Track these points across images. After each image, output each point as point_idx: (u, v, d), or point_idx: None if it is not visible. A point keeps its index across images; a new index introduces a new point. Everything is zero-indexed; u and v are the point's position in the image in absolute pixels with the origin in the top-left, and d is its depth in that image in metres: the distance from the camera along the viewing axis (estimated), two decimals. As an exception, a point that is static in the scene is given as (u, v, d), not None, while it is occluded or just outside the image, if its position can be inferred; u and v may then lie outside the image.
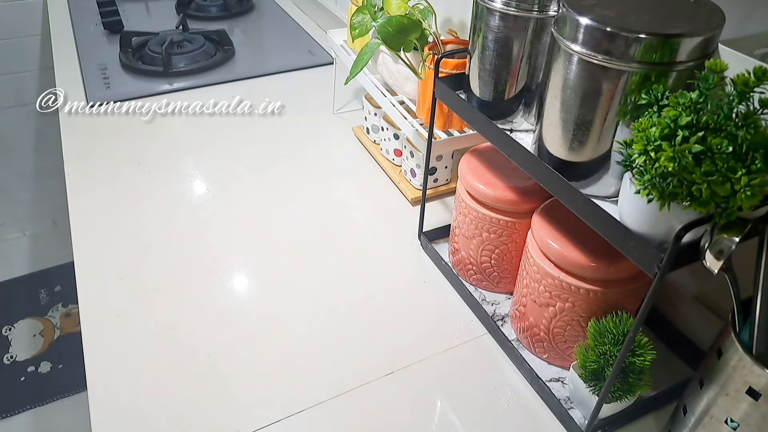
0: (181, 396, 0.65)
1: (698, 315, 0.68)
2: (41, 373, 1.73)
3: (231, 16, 1.63)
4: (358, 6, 0.91)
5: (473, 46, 0.66)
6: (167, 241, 0.85)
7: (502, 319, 0.74)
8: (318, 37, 1.48)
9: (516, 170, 0.69)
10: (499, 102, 0.67)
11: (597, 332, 0.58)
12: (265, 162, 1.03)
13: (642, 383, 0.57)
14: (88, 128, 1.10)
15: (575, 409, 0.64)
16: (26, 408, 1.64)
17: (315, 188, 0.97)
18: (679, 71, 0.48)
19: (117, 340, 0.71)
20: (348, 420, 0.63)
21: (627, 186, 0.48)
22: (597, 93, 0.50)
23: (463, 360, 0.70)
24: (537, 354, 0.69)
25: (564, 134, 0.55)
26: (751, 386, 0.47)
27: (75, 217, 0.89)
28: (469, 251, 0.76)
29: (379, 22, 0.82)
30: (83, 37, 1.46)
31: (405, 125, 0.87)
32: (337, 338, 0.72)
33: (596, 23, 0.48)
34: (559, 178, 0.54)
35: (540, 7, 0.60)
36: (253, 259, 0.83)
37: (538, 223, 0.64)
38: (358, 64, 0.86)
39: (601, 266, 0.58)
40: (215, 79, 1.28)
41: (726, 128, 0.42)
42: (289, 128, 1.13)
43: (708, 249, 0.44)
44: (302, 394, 0.65)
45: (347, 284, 0.79)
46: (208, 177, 1.00)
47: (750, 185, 0.40)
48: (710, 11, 0.49)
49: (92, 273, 0.79)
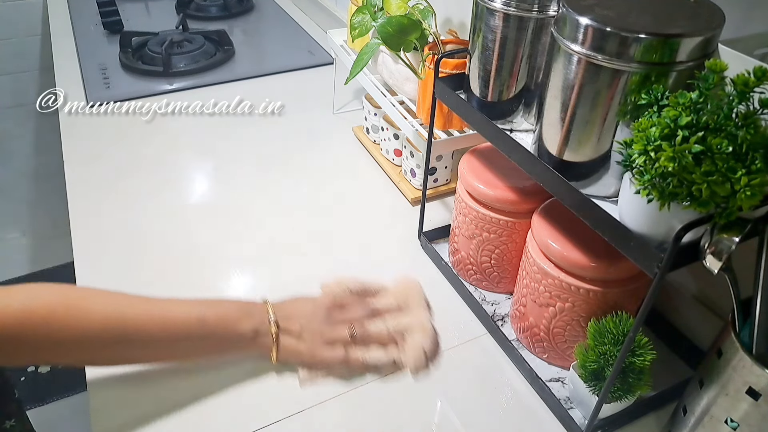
0: (182, 396, 0.65)
1: (698, 315, 0.68)
2: (41, 373, 1.73)
3: (231, 16, 1.63)
4: (358, 6, 0.91)
5: (473, 46, 0.66)
6: (167, 241, 0.85)
7: (502, 319, 0.74)
8: (318, 37, 1.48)
9: (516, 170, 0.69)
10: (498, 102, 0.67)
11: (597, 332, 0.58)
12: (265, 162, 1.03)
13: (642, 383, 0.57)
14: (88, 128, 1.10)
15: (575, 409, 0.64)
16: (26, 408, 1.64)
17: (315, 188, 0.97)
18: (679, 71, 0.48)
19: (117, 340, 0.70)
20: (348, 420, 0.63)
21: (627, 186, 0.48)
22: (597, 93, 0.50)
23: (463, 360, 0.70)
24: (537, 354, 0.69)
25: (564, 134, 0.55)
26: (751, 386, 0.47)
27: (75, 217, 0.89)
28: (469, 251, 0.76)
29: (379, 22, 0.82)
30: (83, 37, 1.46)
31: (405, 125, 0.87)
32: (337, 338, 0.72)
33: (596, 23, 0.48)
34: (559, 178, 0.54)
35: (540, 7, 0.60)
36: (252, 259, 0.83)
37: (538, 223, 0.64)
38: (358, 64, 0.86)
39: (601, 266, 0.58)
40: (215, 79, 1.28)
41: (726, 128, 0.42)
42: (289, 128, 1.13)
43: (708, 249, 0.44)
44: (302, 394, 0.65)
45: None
46: (208, 177, 1.00)
47: (750, 185, 0.40)
48: (710, 11, 0.49)
49: (92, 273, 0.79)
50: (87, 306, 0.55)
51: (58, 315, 0.53)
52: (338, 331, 0.65)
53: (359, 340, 0.65)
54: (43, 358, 0.57)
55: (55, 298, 0.54)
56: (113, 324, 0.56)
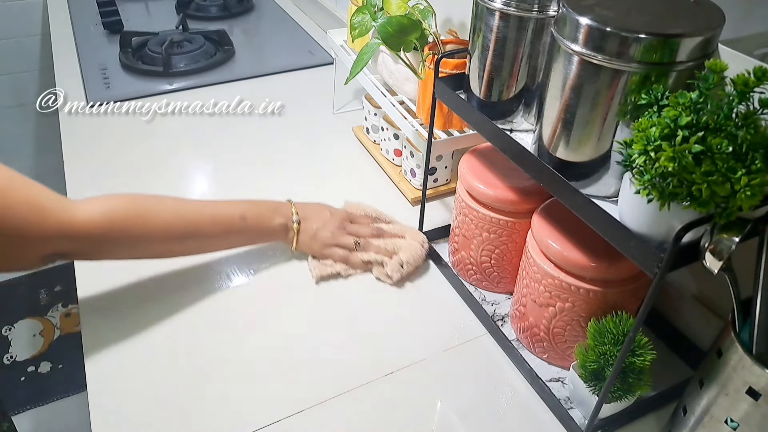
0: (181, 396, 0.65)
1: (698, 315, 0.68)
2: (41, 373, 1.73)
3: (231, 16, 1.63)
4: (358, 6, 0.91)
5: (473, 46, 0.66)
6: (167, 241, 0.85)
7: (502, 319, 0.74)
8: (318, 37, 1.48)
9: (516, 170, 0.69)
10: (499, 102, 0.67)
11: (597, 332, 0.58)
12: (264, 162, 1.03)
13: (642, 383, 0.57)
14: (88, 128, 1.10)
15: (575, 409, 0.64)
16: (26, 408, 1.64)
17: (315, 188, 0.97)
18: (679, 71, 0.48)
19: (117, 340, 0.71)
20: (348, 420, 0.63)
21: (627, 186, 0.48)
22: (597, 93, 0.50)
23: (462, 360, 0.70)
24: (537, 354, 0.69)
25: (564, 134, 0.55)
26: (751, 386, 0.47)
27: (75, 217, 0.88)
28: (469, 251, 0.76)
29: (379, 22, 0.82)
30: (83, 37, 1.46)
31: (405, 125, 0.87)
32: (337, 338, 0.72)
33: (596, 23, 0.48)
34: (559, 178, 0.54)
35: (540, 7, 0.60)
36: (252, 259, 0.83)
37: (538, 223, 0.64)
38: (358, 64, 0.86)
39: (601, 266, 0.58)
40: (215, 79, 1.28)
41: (726, 128, 0.42)
42: (289, 128, 1.13)
43: (708, 249, 0.44)
44: (302, 394, 0.65)
45: (347, 284, 0.79)
46: (207, 177, 1.00)
47: (750, 185, 0.40)
48: (710, 11, 0.49)
49: (92, 273, 0.79)
50: (155, 213, 0.69)
51: (133, 222, 0.67)
52: (346, 239, 0.80)
53: (361, 249, 0.80)
54: (123, 254, 0.71)
55: (131, 211, 0.67)
56: (176, 225, 0.70)
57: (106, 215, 0.65)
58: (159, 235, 0.70)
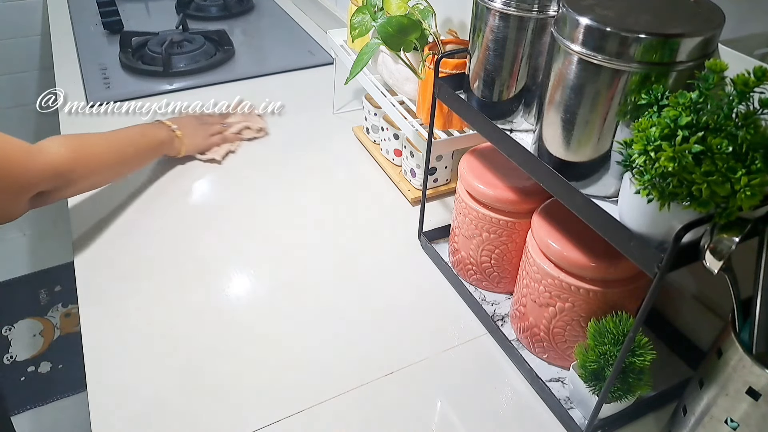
0: (181, 396, 0.65)
1: (698, 315, 0.68)
2: (41, 373, 1.73)
3: (231, 16, 1.63)
4: (358, 6, 0.91)
5: (473, 46, 0.66)
6: (167, 241, 0.85)
7: (502, 319, 0.74)
8: (318, 37, 1.48)
9: (516, 170, 0.69)
10: (499, 102, 0.67)
11: (597, 332, 0.58)
12: (264, 162, 1.03)
13: (642, 383, 0.57)
14: (88, 128, 1.09)
15: (575, 409, 0.64)
16: (26, 408, 1.64)
17: (314, 188, 0.97)
18: (679, 71, 0.48)
19: (117, 340, 0.71)
20: (348, 420, 0.63)
21: (627, 186, 0.48)
22: (597, 93, 0.50)
23: (462, 360, 0.70)
24: (537, 354, 0.69)
25: (564, 134, 0.55)
26: (751, 386, 0.47)
27: (75, 217, 0.89)
28: (469, 251, 0.76)
29: (379, 22, 0.82)
30: (83, 37, 1.46)
31: (405, 125, 0.87)
32: (337, 338, 0.72)
33: (596, 23, 0.48)
34: (559, 178, 0.54)
35: (540, 7, 0.60)
36: (252, 260, 0.83)
37: (538, 223, 0.64)
38: (358, 64, 0.86)
39: (601, 266, 0.58)
40: (215, 79, 1.28)
41: (726, 128, 0.42)
42: (289, 128, 1.13)
43: (708, 249, 0.44)
44: (302, 394, 0.65)
45: (347, 284, 0.79)
46: (207, 177, 1.00)
47: (750, 185, 0.40)
48: (710, 11, 0.49)
49: (92, 273, 0.79)
50: (92, 145, 0.83)
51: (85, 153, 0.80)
52: (215, 127, 1.04)
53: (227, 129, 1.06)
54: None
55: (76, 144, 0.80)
56: (108, 153, 0.85)
57: (69, 151, 0.76)
58: (104, 162, 0.84)
